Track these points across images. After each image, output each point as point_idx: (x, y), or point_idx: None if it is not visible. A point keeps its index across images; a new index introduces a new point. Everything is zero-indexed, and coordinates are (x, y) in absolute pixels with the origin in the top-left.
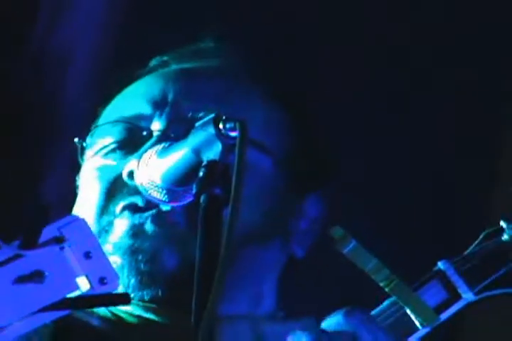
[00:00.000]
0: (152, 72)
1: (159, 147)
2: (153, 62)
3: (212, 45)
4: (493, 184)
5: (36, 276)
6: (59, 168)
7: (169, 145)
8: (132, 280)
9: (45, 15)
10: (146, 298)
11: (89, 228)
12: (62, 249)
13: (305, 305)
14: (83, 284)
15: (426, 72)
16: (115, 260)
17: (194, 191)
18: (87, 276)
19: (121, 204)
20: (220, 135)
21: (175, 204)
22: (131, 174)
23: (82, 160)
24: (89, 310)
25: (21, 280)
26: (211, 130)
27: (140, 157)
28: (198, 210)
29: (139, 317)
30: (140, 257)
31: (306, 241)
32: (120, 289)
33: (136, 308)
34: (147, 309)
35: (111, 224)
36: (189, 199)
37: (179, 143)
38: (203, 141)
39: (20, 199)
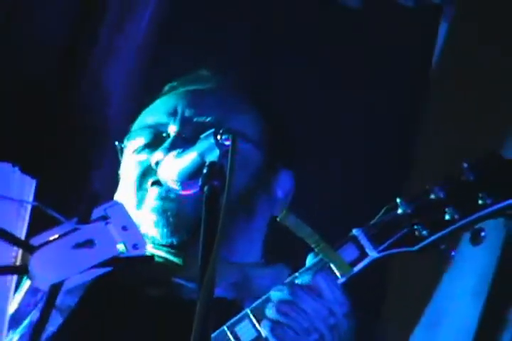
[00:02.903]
0: (166, 94)
1: (175, 152)
2: (166, 88)
3: (207, 73)
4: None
5: (88, 243)
6: (104, 168)
7: (182, 151)
8: (165, 230)
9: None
10: (174, 242)
11: (126, 209)
12: (106, 224)
13: (282, 254)
14: (121, 249)
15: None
16: (152, 218)
17: (200, 183)
18: (124, 243)
19: (151, 180)
20: (218, 144)
21: (186, 193)
22: (157, 163)
23: (122, 157)
24: None
25: (78, 246)
26: (212, 140)
27: (164, 151)
28: (202, 195)
29: (163, 258)
30: (169, 214)
31: (283, 205)
32: (157, 237)
33: (163, 253)
34: (170, 253)
35: (144, 196)
36: (196, 189)
37: (190, 150)
38: (206, 148)
39: (77, 189)
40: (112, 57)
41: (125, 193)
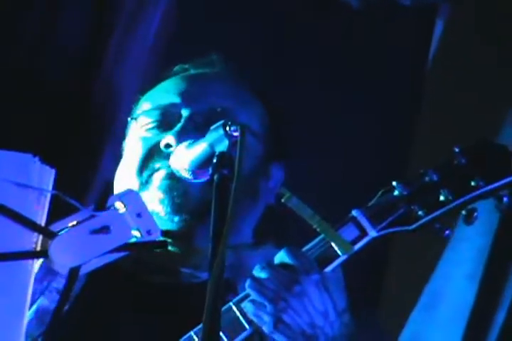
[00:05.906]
0: (177, 75)
1: (186, 143)
2: (176, 68)
3: (216, 58)
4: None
5: (105, 229)
6: (117, 159)
7: (194, 142)
8: (168, 208)
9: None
10: (176, 219)
11: (141, 197)
12: (122, 211)
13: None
14: (136, 234)
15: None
16: (159, 196)
17: (210, 172)
18: (138, 229)
19: (158, 164)
20: (227, 135)
21: (197, 181)
22: (167, 145)
23: (127, 131)
24: None
25: (95, 232)
26: (221, 131)
27: (174, 134)
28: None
29: None
30: (175, 193)
31: (273, 193)
32: (161, 213)
33: None
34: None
35: (150, 176)
36: (207, 177)
37: (200, 140)
38: (216, 139)
39: (93, 178)
40: (125, 56)
41: (129, 166)
